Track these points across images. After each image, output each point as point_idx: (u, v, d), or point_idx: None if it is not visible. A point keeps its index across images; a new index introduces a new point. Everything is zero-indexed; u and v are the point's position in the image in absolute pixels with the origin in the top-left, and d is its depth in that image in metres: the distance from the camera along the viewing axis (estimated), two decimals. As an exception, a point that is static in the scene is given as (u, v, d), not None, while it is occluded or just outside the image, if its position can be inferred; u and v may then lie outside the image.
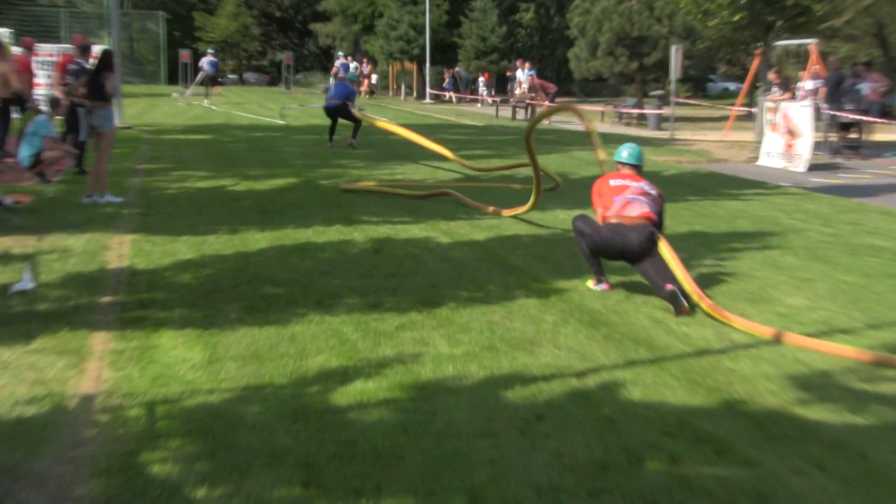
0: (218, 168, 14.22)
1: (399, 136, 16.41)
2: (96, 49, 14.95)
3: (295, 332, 5.89)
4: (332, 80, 42.50)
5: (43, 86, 19.62)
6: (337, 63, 43.19)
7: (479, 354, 5.53)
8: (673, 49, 22.99)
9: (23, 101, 14.02)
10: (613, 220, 7.09)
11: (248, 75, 59.85)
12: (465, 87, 43.13)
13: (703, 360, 5.59)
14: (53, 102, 12.85)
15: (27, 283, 6.72)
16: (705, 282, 7.51)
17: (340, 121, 18.18)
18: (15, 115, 14.23)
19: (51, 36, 29.95)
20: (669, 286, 6.67)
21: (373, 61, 45.64)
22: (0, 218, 9.47)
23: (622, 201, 7.15)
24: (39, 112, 12.84)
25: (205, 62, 38.18)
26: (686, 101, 32.13)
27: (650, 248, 6.95)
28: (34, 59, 18.46)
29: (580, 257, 7.63)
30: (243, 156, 16.14)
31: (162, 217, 9.94)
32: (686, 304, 6.55)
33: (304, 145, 18.32)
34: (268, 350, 5.53)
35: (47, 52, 21.85)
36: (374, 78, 43.93)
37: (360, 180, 13.36)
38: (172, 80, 47.55)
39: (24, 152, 12.28)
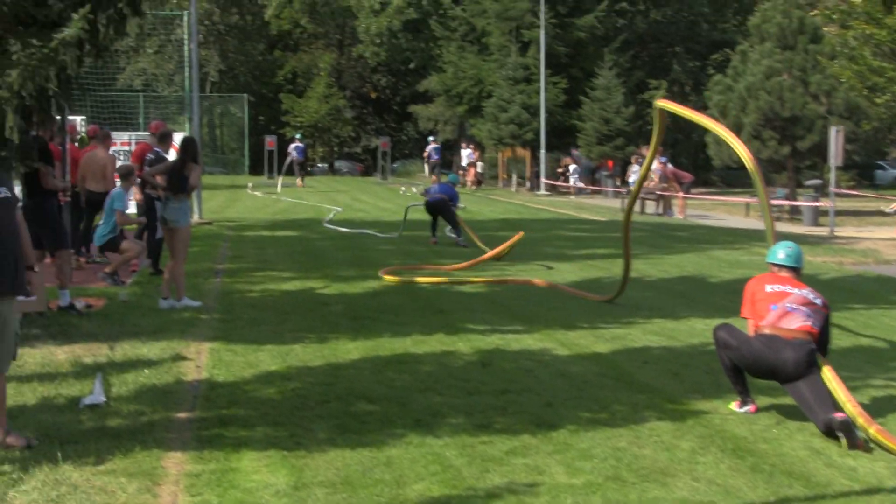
0: (305, 268, 14.47)
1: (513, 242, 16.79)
2: (177, 138, 15.55)
3: (391, 456, 5.89)
4: (426, 169, 45.24)
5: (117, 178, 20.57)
6: (428, 148, 44.65)
7: (603, 485, 5.46)
8: (833, 131, 22.55)
9: (86, 195, 14.43)
10: (767, 332, 6.93)
11: (340, 164, 61.54)
12: (586, 177, 43.51)
13: (874, 500, 5.41)
14: (126, 172, 13.29)
15: (98, 396, 6.93)
16: (875, 406, 7.27)
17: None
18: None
19: (128, 123, 31.54)
20: (840, 415, 6.45)
21: (480, 147, 46.53)
22: (71, 324, 9.87)
23: (780, 310, 6.98)
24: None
25: (292, 149, 39.71)
26: (849, 191, 31.67)
27: (808, 369, 6.77)
28: (112, 148, 19.63)
29: (722, 374, 7.43)
30: (333, 255, 16.48)
31: (244, 323, 10.17)
32: (861, 436, 6.33)
33: (402, 243, 18.65)
34: (360, 476, 5.55)
35: (124, 141, 22.68)
36: (480, 166, 44.65)
37: (435, 275, 13.83)
38: (256, 169, 49.29)
39: (100, 231, 12.90)
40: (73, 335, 9.35)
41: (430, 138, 47.05)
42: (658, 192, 29.26)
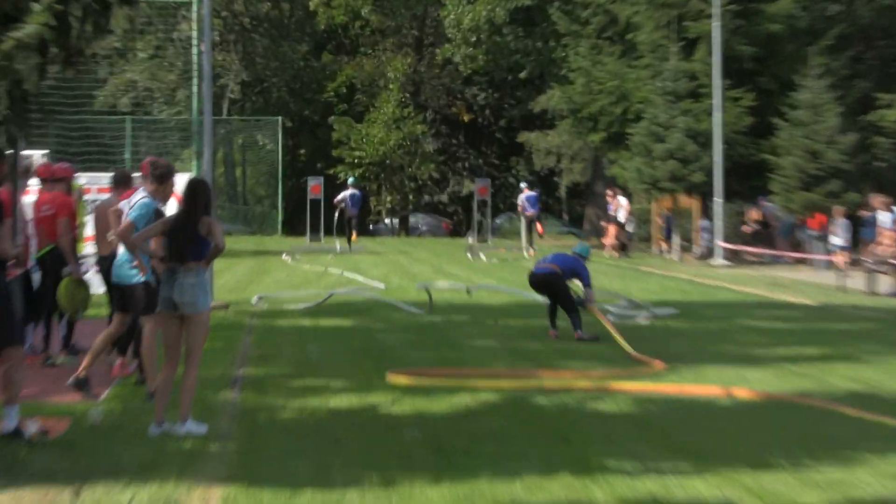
0: (364, 374, 14.59)
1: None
2: (180, 181, 15.41)
3: None
4: (522, 226, 45.66)
5: (92, 239, 20.62)
6: (521, 198, 45.16)
7: None
8: None
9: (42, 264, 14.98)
10: None
11: (417, 218, 61.61)
12: (785, 237, 42.82)
13: None
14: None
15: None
16: None
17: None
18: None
19: (109, 160, 31.93)
20: None
21: (625, 194, 45.68)
22: (18, 458, 9.89)
23: None
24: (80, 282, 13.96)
25: (345, 198, 40.12)
26: None
27: None
28: (85, 196, 19.80)
29: None
30: (406, 354, 16.64)
31: (272, 457, 10.21)
32: None
33: (508, 336, 18.86)
34: None
35: (103, 187, 22.52)
36: (625, 217, 44.34)
37: (496, 378, 14.24)
38: (294, 226, 49.57)
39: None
40: (19, 475, 9.35)
41: (523, 184, 47.73)
42: (894, 262, 29.08)
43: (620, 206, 45.25)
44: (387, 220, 62.16)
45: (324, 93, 62.46)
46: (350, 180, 44.22)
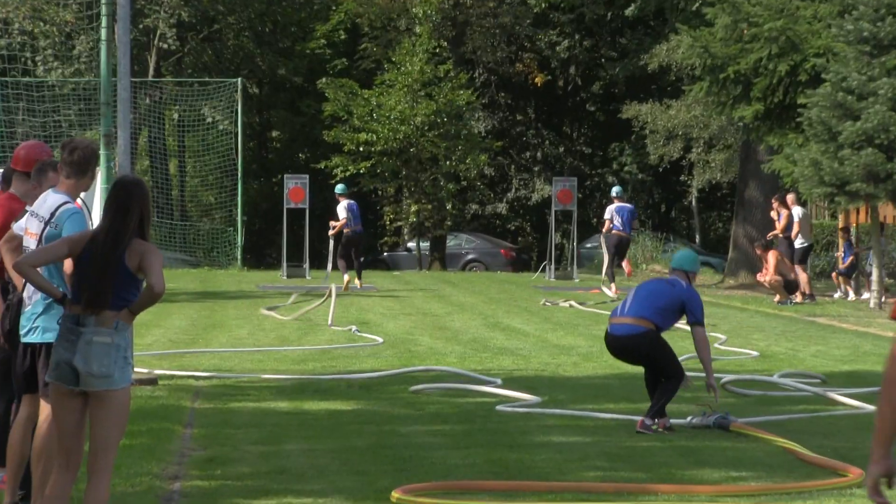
0: (374, 491, 13.61)
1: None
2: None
3: None
4: (604, 252, 41.36)
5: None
6: (609, 210, 40.88)
7: None
8: None
9: None
10: None
11: (460, 240, 57.91)
12: None
13: None
14: None
15: None
16: None
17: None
18: None
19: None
20: None
21: (799, 201, 42.39)
22: None
23: None
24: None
25: (342, 210, 37.46)
26: None
27: None
28: None
29: None
30: (441, 457, 15.79)
31: None
32: None
33: (601, 428, 17.99)
34: None
35: None
36: (800, 238, 40.09)
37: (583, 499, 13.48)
38: (263, 254, 47.59)
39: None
40: None
41: (616, 190, 42.42)
42: None
43: (792, 222, 40.48)
44: (411, 244, 58.11)
45: (310, 41, 58.30)
46: (339, 189, 38.28)
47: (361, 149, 49.60)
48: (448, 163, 51.15)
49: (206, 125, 49.30)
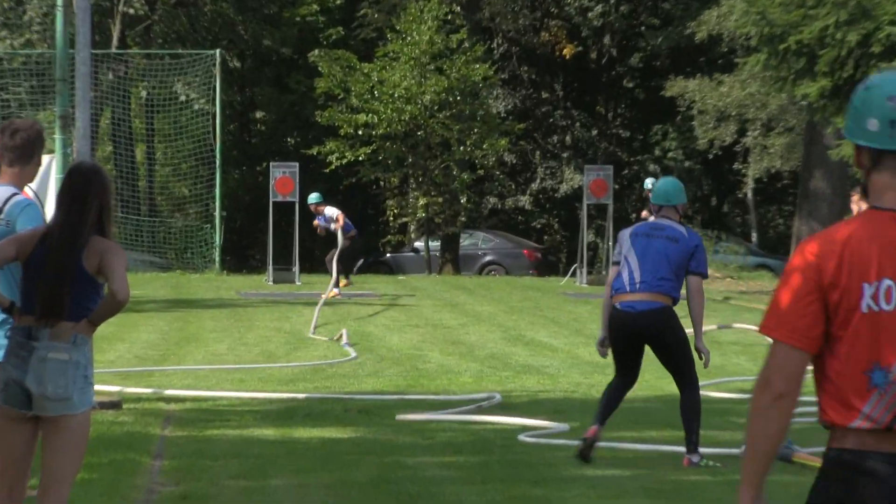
0: None
1: None
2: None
3: None
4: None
5: None
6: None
7: None
8: None
9: None
10: None
11: (476, 239, 57.91)
12: None
13: None
14: None
15: None
16: None
17: None
18: None
19: None
20: None
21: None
22: None
23: None
24: None
25: (332, 210, 35.78)
26: None
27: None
28: None
29: None
30: (450, 492, 16.25)
31: None
32: None
33: (639, 459, 18.61)
34: None
35: None
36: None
37: None
38: (245, 255, 48.19)
39: None
40: None
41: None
42: None
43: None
44: (418, 244, 57.40)
45: (300, 6, 58.17)
46: (314, 198, 38.93)
47: (360, 132, 48.47)
48: (462, 149, 49.94)
49: (178, 105, 48.80)
